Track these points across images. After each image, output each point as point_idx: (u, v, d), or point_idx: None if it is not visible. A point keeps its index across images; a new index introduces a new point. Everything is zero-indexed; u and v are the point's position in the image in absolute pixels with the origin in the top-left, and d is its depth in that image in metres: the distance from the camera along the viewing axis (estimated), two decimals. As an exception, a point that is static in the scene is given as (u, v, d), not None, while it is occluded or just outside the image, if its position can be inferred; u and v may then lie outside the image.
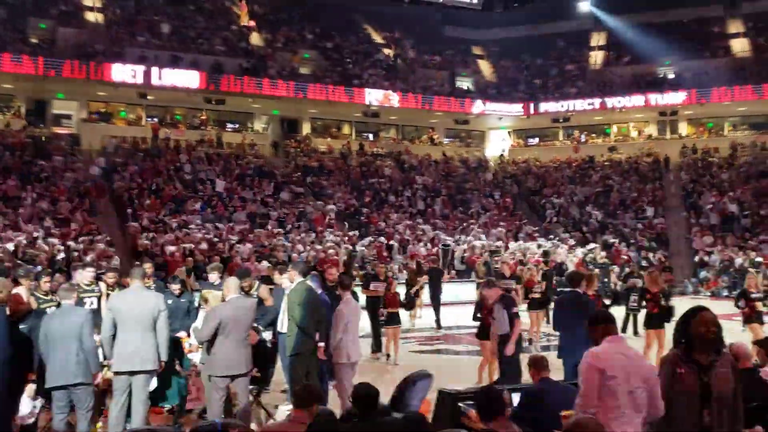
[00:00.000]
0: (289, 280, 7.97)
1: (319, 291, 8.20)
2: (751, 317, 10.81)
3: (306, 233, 23.29)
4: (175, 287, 9.20)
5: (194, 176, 26.44)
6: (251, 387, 7.28)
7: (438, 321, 15.87)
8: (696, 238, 27.34)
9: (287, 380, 8.11)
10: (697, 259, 26.03)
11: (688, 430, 3.95)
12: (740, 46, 35.72)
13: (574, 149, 35.56)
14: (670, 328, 6.49)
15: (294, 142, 32.46)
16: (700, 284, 24.64)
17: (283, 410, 7.51)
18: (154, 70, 27.35)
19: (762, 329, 11.37)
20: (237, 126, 32.48)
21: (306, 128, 33.95)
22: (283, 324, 8.03)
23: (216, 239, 21.10)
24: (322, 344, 7.54)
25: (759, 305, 11.06)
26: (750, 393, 4.81)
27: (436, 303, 16.11)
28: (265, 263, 17.74)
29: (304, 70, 32.60)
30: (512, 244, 25.05)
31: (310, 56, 33.82)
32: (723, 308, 15.20)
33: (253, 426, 7.00)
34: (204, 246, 19.93)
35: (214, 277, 9.19)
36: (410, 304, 14.70)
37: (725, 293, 21.99)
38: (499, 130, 37.40)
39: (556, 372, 7.25)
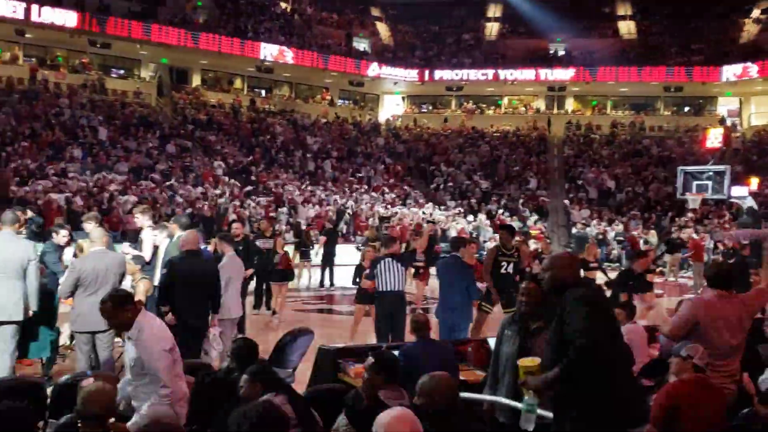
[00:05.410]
0: (170, 234, 7.72)
1: (203, 246, 8.03)
2: None
3: (193, 188, 22.62)
4: (63, 234, 8.01)
5: (75, 122, 24.97)
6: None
7: (331, 280, 16.03)
8: (574, 210, 28.66)
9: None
10: (574, 230, 27.29)
11: (505, 391, 4.24)
12: (627, 28, 37.45)
13: (466, 118, 36.25)
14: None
15: (183, 94, 31.31)
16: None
17: None
18: (34, 6, 25.53)
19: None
20: (123, 72, 30.91)
21: (196, 80, 32.81)
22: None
23: (96, 189, 20.13)
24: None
25: (595, 274, 11.56)
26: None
27: (330, 263, 16.24)
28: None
29: (196, 18, 31.34)
30: (402, 210, 25.38)
31: (203, 4, 32.51)
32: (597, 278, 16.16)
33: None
34: (81, 195, 18.97)
35: (89, 227, 8.47)
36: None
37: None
38: (394, 95, 37.57)
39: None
